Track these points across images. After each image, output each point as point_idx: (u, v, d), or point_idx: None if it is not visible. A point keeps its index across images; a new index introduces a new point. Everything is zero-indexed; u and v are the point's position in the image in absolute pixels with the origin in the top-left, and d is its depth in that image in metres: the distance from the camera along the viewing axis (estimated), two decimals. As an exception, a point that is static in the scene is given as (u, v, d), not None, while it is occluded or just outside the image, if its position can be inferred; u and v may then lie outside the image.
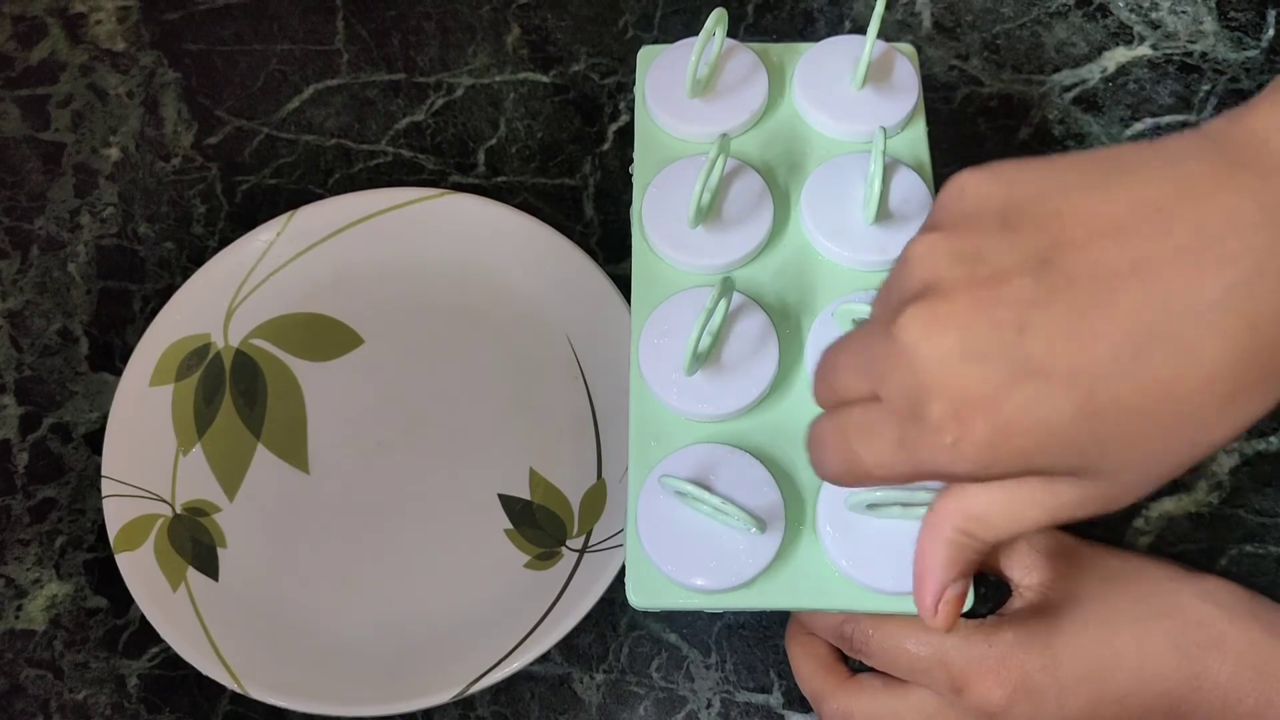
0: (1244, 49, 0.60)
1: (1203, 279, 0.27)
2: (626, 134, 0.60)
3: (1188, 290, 0.27)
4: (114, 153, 0.61)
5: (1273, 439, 0.52)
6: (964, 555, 0.33)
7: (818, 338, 0.43)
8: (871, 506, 0.39)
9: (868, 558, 0.40)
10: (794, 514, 0.41)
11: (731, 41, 0.48)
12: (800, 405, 0.43)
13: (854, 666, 0.45)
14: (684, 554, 0.40)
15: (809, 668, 0.45)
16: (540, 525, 0.51)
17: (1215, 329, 0.27)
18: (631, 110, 0.60)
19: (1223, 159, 0.28)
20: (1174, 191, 0.28)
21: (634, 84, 0.50)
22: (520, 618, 0.48)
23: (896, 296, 0.30)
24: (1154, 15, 0.61)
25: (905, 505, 0.38)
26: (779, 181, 0.47)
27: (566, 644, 0.49)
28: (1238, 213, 0.27)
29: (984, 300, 0.28)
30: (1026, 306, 0.28)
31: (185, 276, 0.55)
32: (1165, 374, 0.27)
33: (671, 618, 0.50)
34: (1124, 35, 0.61)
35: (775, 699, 0.49)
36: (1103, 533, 0.50)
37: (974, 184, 0.30)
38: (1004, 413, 0.28)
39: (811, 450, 0.34)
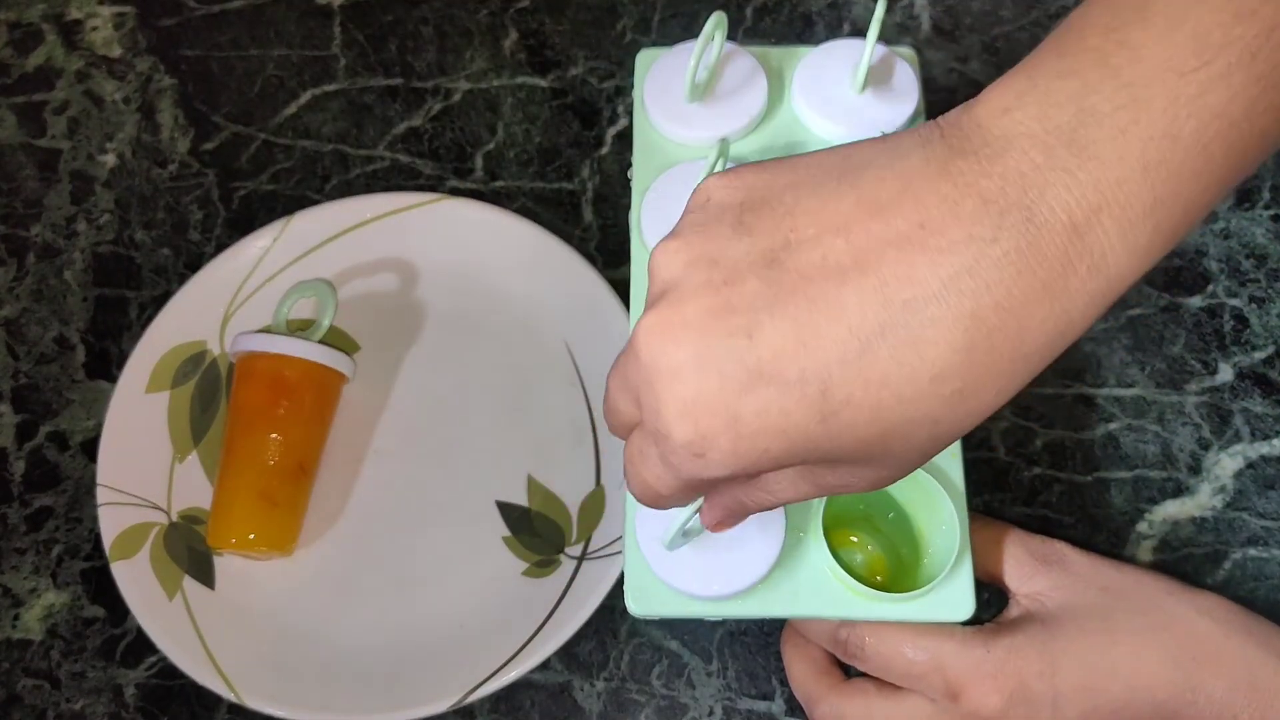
0: (1245, 50, 0.59)
1: (923, 271, 0.27)
2: (625, 138, 0.59)
3: (909, 283, 0.27)
4: (110, 159, 0.61)
5: (1276, 442, 0.52)
6: (744, 511, 0.34)
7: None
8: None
9: None
10: (794, 521, 0.41)
11: (730, 45, 0.48)
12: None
13: (849, 672, 0.45)
14: (683, 561, 0.40)
15: (803, 671, 0.45)
16: (539, 533, 0.51)
17: (937, 323, 0.27)
18: (630, 114, 0.60)
19: (946, 148, 0.28)
20: (898, 184, 0.28)
21: (632, 88, 0.49)
22: (519, 625, 0.48)
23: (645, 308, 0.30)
24: (1154, 17, 0.61)
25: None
26: (778, 185, 0.47)
27: (567, 651, 0.49)
28: (957, 203, 0.27)
29: (716, 306, 0.28)
30: (756, 310, 0.27)
31: (182, 283, 0.54)
32: (893, 371, 0.27)
33: (672, 625, 0.50)
34: (1124, 37, 0.61)
35: (777, 706, 0.48)
36: (1106, 536, 0.50)
37: (716, 187, 0.30)
38: (741, 421, 0.28)
39: (625, 478, 0.34)
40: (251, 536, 0.49)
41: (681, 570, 0.40)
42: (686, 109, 0.47)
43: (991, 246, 0.26)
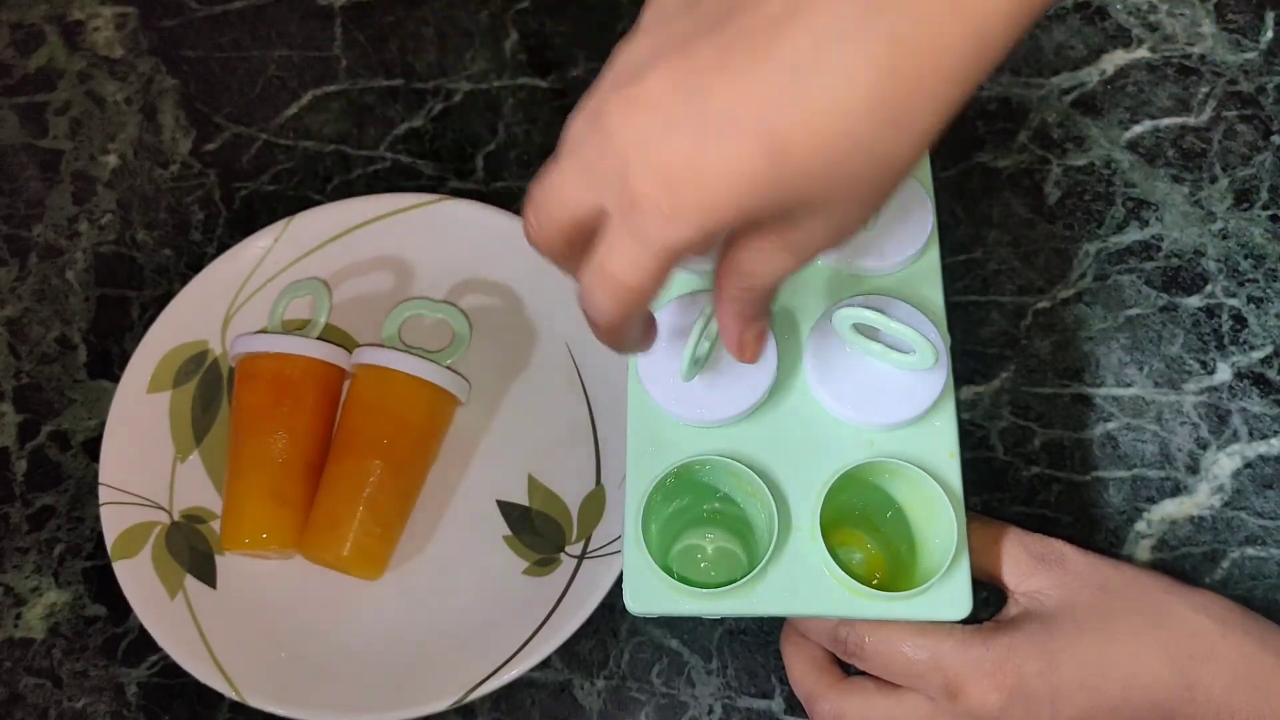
0: (1242, 51, 0.60)
1: (844, 6, 0.29)
2: (625, 139, 0.60)
3: (833, 18, 0.29)
4: (112, 160, 0.61)
5: (1273, 441, 0.52)
6: (748, 307, 0.36)
7: (816, 342, 0.43)
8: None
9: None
10: (797, 520, 0.41)
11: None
12: (798, 410, 0.43)
13: (848, 670, 0.45)
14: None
15: (802, 668, 0.45)
16: (539, 531, 0.51)
17: (861, 47, 0.29)
18: (630, 115, 0.60)
19: None
20: None
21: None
22: (519, 624, 0.48)
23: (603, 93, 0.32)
24: (1152, 18, 0.61)
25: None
26: (777, 186, 0.47)
27: (567, 650, 0.49)
28: None
29: (673, 73, 0.30)
30: (708, 70, 0.30)
31: (183, 283, 0.55)
32: (829, 103, 0.29)
33: (672, 623, 0.50)
34: (1122, 38, 0.61)
35: (777, 704, 0.49)
36: (1104, 535, 0.50)
37: None
38: (704, 172, 0.30)
39: (583, 309, 0.35)
40: (264, 536, 0.49)
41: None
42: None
43: None
